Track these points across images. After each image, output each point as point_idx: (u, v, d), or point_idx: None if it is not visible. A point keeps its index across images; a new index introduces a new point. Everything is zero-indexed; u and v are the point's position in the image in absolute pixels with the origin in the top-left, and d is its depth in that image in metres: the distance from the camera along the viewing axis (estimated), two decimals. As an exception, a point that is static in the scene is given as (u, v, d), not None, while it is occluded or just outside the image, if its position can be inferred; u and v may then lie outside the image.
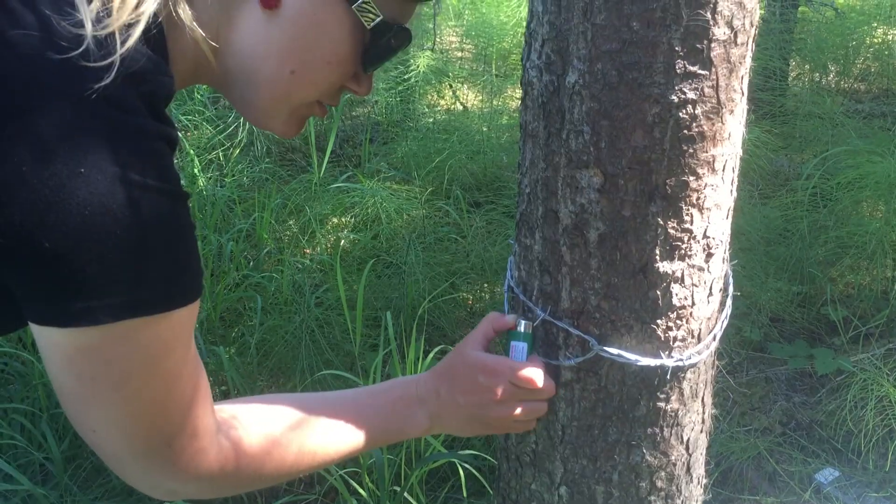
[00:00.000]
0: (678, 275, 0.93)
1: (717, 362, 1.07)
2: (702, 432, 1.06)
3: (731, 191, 0.96)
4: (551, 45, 0.90)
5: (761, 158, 3.57)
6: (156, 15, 0.67)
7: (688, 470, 1.05)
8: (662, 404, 0.98)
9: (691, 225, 0.91)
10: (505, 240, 3.19)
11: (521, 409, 0.98)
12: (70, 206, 0.59)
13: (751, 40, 0.89)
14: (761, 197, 3.55)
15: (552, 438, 1.02)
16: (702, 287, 0.96)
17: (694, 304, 0.95)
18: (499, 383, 0.96)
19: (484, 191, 3.79)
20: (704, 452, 1.09)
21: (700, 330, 0.98)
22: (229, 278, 2.95)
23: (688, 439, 1.03)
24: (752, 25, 0.88)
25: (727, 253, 1.00)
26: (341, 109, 4.46)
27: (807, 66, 4.93)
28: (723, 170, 0.92)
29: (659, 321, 0.94)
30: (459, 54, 5.45)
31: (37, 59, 0.59)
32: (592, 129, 0.88)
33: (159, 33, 0.68)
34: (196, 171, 3.46)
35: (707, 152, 0.89)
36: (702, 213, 0.92)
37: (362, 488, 2.03)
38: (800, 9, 4.94)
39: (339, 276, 2.54)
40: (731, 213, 0.97)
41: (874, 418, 2.40)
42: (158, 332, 0.67)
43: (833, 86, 4.88)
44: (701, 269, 0.95)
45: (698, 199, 0.91)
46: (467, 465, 2.10)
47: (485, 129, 4.19)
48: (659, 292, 0.93)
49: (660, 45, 0.84)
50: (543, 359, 0.99)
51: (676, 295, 0.94)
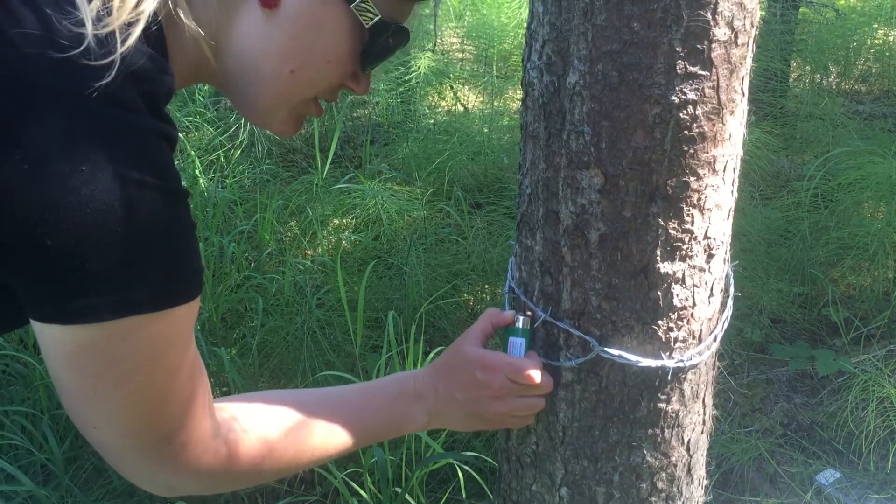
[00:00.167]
0: (679, 276, 0.93)
1: (717, 363, 1.07)
2: (703, 433, 1.06)
3: (732, 191, 0.96)
4: (552, 46, 0.90)
5: (762, 159, 3.57)
6: (155, 14, 0.67)
7: (689, 471, 1.05)
8: (663, 405, 0.98)
9: (692, 226, 0.91)
10: (506, 241, 3.19)
11: (519, 405, 0.98)
12: (72, 203, 0.59)
13: (751, 41, 0.89)
14: (762, 198, 3.55)
15: (553, 439, 1.02)
16: (703, 288, 0.95)
17: (695, 304, 0.95)
18: (496, 379, 0.96)
19: (485, 192, 3.79)
20: (705, 453, 1.09)
21: (701, 331, 0.98)
22: (231, 279, 2.95)
23: (689, 440, 1.03)
24: (752, 26, 0.88)
25: (728, 254, 1.00)
26: (343, 111, 4.46)
27: (808, 67, 4.93)
28: (724, 170, 0.92)
29: (660, 322, 0.94)
30: (460, 55, 5.45)
31: (38, 57, 0.59)
32: (593, 129, 0.88)
33: (159, 32, 0.68)
34: (197, 172, 3.46)
35: (708, 153, 0.89)
36: (703, 214, 0.92)
37: (363, 489, 2.03)
38: (800, 10, 4.93)
39: (340, 277, 2.54)
40: (731, 213, 0.97)
41: (875, 419, 2.39)
42: (160, 328, 0.68)
43: (834, 87, 4.88)
44: (702, 270, 0.94)
45: (699, 199, 0.91)
46: (468, 468, 2.10)
47: (486, 131, 4.19)
48: (660, 293, 0.93)
49: (660, 45, 0.84)
50: (544, 360, 0.99)
51: (677, 296, 0.94)
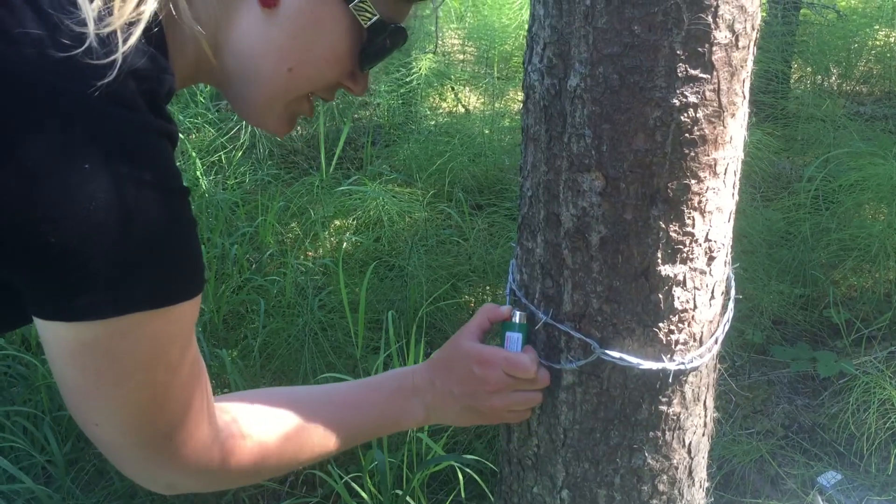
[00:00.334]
0: (680, 278, 0.93)
1: (718, 365, 1.07)
2: (704, 436, 1.06)
3: (733, 194, 0.96)
4: (553, 49, 0.90)
5: (763, 161, 3.57)
6: (156, 14, 0.68)
7: (690, 473, 1.05)
8: (664, 408, 0.98)
9: (693, 228, 0.92)
10: (507, 243, 3.19)
11: (516, 399, 0.99)
12: (74, 201, 0.60)
13: (752, 44, 0.89)
14: (763, 199, 3.55)
15: (554, 442, 1.02)
16: (703, 290, 0.96)
17: (696, 307, 0.95)
18: (493, 373, 0.96)
19: (486, 193, 3.79)
20: (706, 456, 1.09)
21: (702, 333, 0.98)
22: (232, 281, 2.95)
23: (690, 443, 1.03)
24: (753, 29, 0.88)
25: (729, 256, 1.00)
26: (351, 114, 4.47)
27: (809, 69, 4.93)
28: (724, 173, 0.92)
29: (661, 324, 0.94)
30: (461, 57, 5.45)
31: (41, 57, 0.59)
32: (594, 132, 0.88)
33: (159, 32, 0.69)
34: (199, 173, 3.46)
35: (709, 156, 0.89)
36: (703, 217, 0.92)
37: (364, 491, 2.03)
38: (801, 11, 4.93)
39: (342, 279, 2.54)
40: (732, 216, 0.97)
41: (877, 421, 2.39)
42: (161, 326, 0.68)
43: (835, 88, 4.88)
44: (703, 273, 0.95)
45: (700, 202, 0.91)
46: (469, 470, 2.10)
47: (486, 132, 4.19)
48: (661, 296, 0.93)
49: (661, 48, 0.84)
50: (546, 362, 0.99)
51: (678, 298, 0.94)
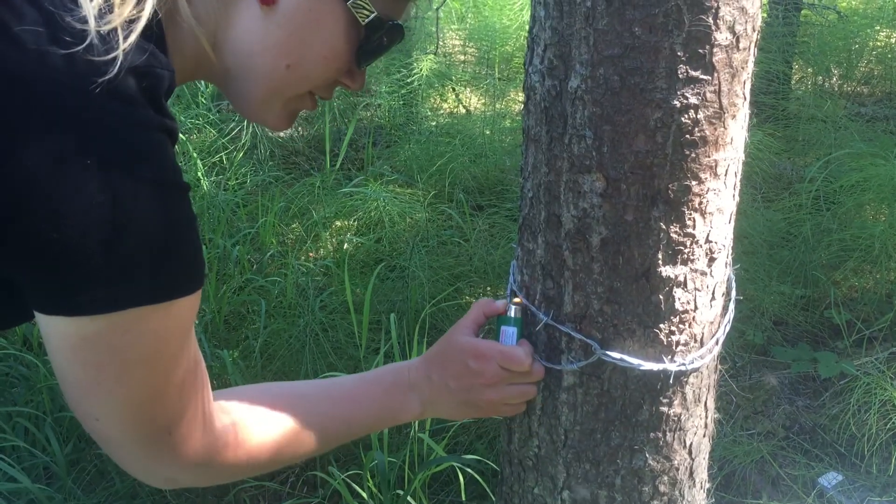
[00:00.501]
0: (681, 279, 0.93)
1: (719, 366, 1.07)
2: (704, 437, 1.06)
3: (734, 195, 0.96)
4: (554, 50, 0.90)
5: (764, 162, 3.57)
6: (156, 11, 0.68)
7: (690, 474, 1.05)
8: (665, 409, 0.98)
9: (694, 229, 0.92)
10: (508, 243, 3.19)
11: (511, 392, 0.99)
12: (77, 197, 0.60)
13: (753, 45, 0.89)
14: (764, 200, 3.55)
15: (555, 442, 1.02)
16: (704, 291, 0.96)
17: (696, 308, 0.96)
18: (488, 367, 0.97)
19: (486, 194, 3.79)
20: (707, 457, 1.09)
21: (703, 334, 0.98)
22: (233, 282, 2.95)
23: (690, 444, 1.03)
24: (754, 30, 0.89)
25: (730, 257, 1.00)
26: (354, 115, 4.47)
27: (810, 70, 4.93)
28: (725, 174, 0.92)
29: (661, 325, 0.94)
30: (462, 58, 5.45)
31: (42, 54, 0.60)
32: (595, 133, 0.88)
33: (159, 29, 0.69)
34: (200, 174, 3.47)
35: (709, 157, 0.89)
36: (704, 218, 0.92)
37: (364, 491, 2.03)
38: (802, 12, 4.93)
39: (347, 280, 2.54)
40: (733, 217, 0.98)
41: (878, 422, 2.39)
42: (162, 320, 0.69)
43: (836, 89, 4.88)
44: (703, 274, 0.95)
45: (701, 203, 0.91)
46: (469, 470, 2.10)
47: (487, 133, 4.19)
48: (661, 297, 0.93)
49: (662, 49, 0.84)
50: (546, 363, 0.99)
51: (679, 299, 0.94)
